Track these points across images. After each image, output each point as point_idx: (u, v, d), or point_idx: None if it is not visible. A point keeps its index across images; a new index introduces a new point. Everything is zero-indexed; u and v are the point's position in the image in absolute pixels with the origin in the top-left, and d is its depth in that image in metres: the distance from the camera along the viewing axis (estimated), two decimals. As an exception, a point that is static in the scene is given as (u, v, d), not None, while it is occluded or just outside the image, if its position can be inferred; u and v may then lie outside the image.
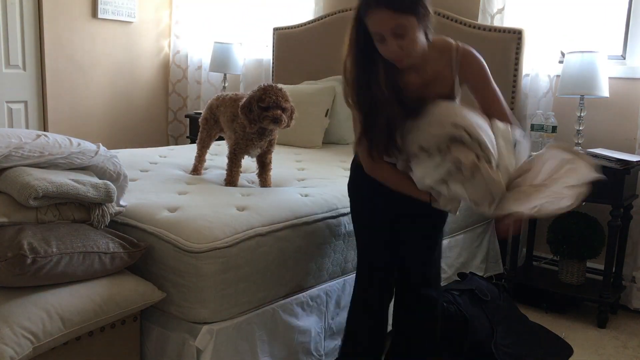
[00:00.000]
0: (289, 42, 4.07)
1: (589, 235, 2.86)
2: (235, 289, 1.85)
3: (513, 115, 1.79)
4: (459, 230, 2.94)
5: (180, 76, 4.91)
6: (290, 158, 3.14)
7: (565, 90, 2.92)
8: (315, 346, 2.16)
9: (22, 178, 1.73)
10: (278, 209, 2.06)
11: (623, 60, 3.11)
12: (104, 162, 1.97)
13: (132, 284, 1.83)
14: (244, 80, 4.52)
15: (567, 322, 2.85)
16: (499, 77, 3.19)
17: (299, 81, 3.97)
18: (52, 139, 1.92)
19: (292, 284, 2.06)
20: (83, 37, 4.37)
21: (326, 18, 3.87)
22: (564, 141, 3.18)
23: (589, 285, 2.97)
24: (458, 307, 2.41)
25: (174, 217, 1.94)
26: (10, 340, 1.52)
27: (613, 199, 2.71)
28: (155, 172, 2.62)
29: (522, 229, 3.17)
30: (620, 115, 3.08)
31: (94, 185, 1.82)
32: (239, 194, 2.26)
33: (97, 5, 4.39)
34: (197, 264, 1.79)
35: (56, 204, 1.81)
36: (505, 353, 2.37)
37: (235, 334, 1.87)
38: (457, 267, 2.94)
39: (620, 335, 2.75)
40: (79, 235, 1.75)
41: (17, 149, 1.81)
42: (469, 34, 3.29)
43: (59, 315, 1.63)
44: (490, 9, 3.30)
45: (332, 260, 2.21)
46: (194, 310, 1.82)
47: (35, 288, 1.68)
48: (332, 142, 3.67)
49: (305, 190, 2.36)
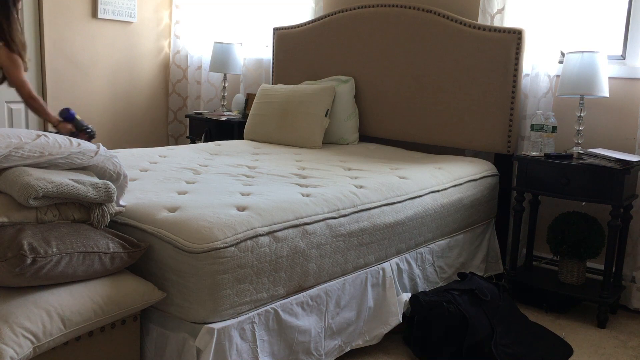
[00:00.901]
0: (289, 42, 4.08)
1: (589, 235, 2.87)
2: (235, 289, 1.85)
3: None
4: (459, 230, 2.95)
5: (180, 76, 4.92)
6: (290, 158, 3.14)
7: (565, 90, 2.93)
8: (315, 346, 2.16)
9: (22, 178, 1.73)
10: (278, 209, 2.06)
11: (623, 60, 3.11)
12: (104, 162, 1.97)
13: (132, 284, 1.83)
14: (244, 81, 4.52)
15: (567, 322, 2.85)
16: (499, 77, 3.22)
17: (299, 81, 3.97)
18: (52, 139, 1.92)
19: (292, 284, 2.06)
20: (83, 37, 4.38)
21: (326, 18, 3.88)
22: (564, 141, 3.18)
23: (589, 285, 2.97)
24: (458, 307, 2.42)
25: (174, 217, 1.94)
26: (11, 340, 1.52)
27: (613, 199, 2.71)
28: (155, 172, 2.62)
29: (522, 229, 3.17)
30: (620, 115, 3.08)
31: (94, 185, 1.83)
32: (239, 193, 2.27)
33: (97, 5, 4.39)
34: (197, 264, 1.79)
35: (56, 204, 1.81)
36: (505, 353, 2.38)
37: (235, 334, 1.87)
38: (457, 267, 2.94)
39: (620, 335, 2.75)
40: (79, 235, 1.75)
41: (17, 149, 1.81)
42: (469, 34, 3.29)
43: (59, 315, 1.63)
44: (490, 9, 3.30)
45: (332, 260, 2.21)
46: (194, 310, 1.82)
47: (35, 288, 1.68)
48: (332, 142, 3.68)
49: (306, 190, 2.36)
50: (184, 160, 2.94)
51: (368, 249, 2.37)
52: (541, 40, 3.19)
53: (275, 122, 3.66)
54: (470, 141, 3.34)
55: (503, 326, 2.48)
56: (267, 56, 4.38)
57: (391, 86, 3.61)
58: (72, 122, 3.07)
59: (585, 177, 2.77)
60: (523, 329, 2.59)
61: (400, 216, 2.51)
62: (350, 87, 3.69)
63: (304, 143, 3.53)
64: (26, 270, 1.60)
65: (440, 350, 2.40)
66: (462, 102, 3.34)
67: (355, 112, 3.70)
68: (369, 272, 2.40)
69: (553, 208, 3.24)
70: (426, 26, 3.45)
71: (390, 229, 2.46)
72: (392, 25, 3.58)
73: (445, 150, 3.54)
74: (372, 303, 2.41)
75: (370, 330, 2.40)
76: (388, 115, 3.64)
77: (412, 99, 3.53)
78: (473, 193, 2.99)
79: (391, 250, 2.50)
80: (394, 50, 3.58)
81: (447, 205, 2.80)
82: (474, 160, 3.23)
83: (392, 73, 3.60)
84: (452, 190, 2.85)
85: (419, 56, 3.49)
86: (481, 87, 3.27)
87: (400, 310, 2.48)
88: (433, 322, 2.40)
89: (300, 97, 3.63)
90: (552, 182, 2.86)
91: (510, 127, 3.21)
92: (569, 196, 2.84)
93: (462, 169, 3.04)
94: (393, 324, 2.46)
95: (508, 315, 2.58)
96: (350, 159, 3.18)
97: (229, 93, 4.66)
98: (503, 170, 3.27)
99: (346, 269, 2.29)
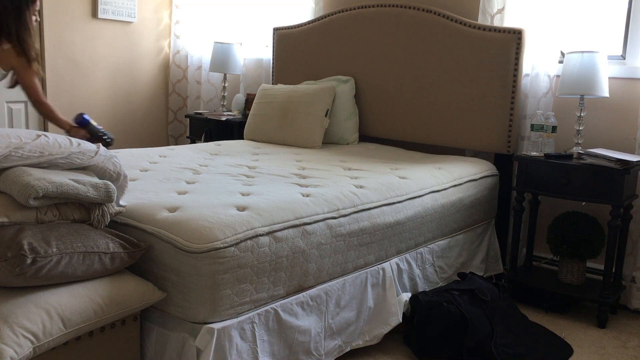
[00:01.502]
0: (289, 42, 4.08)
1: (589, 235, 2.86)
2: (235, 289, 1.85)
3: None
4: (459, 230, 2.95)
5: (180, 76, 4.91)
6: (290, 158, 3.14)
7: (565, 90, 2.93)
8: (315, 346, 2.16)
9: (22, 178, 1.73)
10: (278, 209, 2.06)
11: (623, 60, 3.11)
12: (104, 162, 1.97)
13: (132, 284, 1.83)
14: (244, 81, 4.52)
15: (567, 322, 2.85)
16: (499, 77, 3.22)
17: (299, 81, 3.97)
18: (52, 139, 1.92)
19: (292, 284, 2.06)
20: (83, 37, 4.38)
21: (326, 18, 3.88)
22: (564, 141, 3.18)
23: (589, 285, 2.97)
24: (458, 307, 2.42)
25: (174, 217, 1.94)
26: (11, 340, 1.52)
27: (613, 199, 2.71)
28: (155, 172, 2.62)
29: (522, 229, 3.17)
30: (620, 115, 3.08)
31: (94, 185, 1.83)
32: (239, 193, 2.27)
33: (97, 5, 4.39)
34: (197, 264, 1.79)
35: (56, 204, 1.81)
36: (505, 353, 2.38)
37: (235, 334, 1.87)
38: (457, 267, 2.94)
39: (620, 335, 2.75)
40: (79, 235, 1.75)
41: (17, 149, 1.81)
42: (469, 34, 3.29)
43: (59, 315, 1.63)
44: (490, 9, 3.30)
45: (332, 260, 2.21)
46: (194, 310, 1.82)
47: (35, 288, 1.68)
48: (332, 142, 3.67)
49: (306, 190, 2.36)
50: (184, 160, 2.94)
51: (368, 249, 2.37)
52: (541, 40, 3.19)
53: (275, 122, 3.66)
54: (470, 141, 3.33)
55: (503, 326, 2.48)
56: (267, 56, 4.38)
57: (391, 86, 3.61)
58: (86, 127, 2.90)
59: (585, 177, 2.77)
60: (523, 329, 2.59)
61: (400, 216, 2.51)
62: (350, 87, 3.69)
63: (304, 143, 3.53)
64: (26, 270, 1.60)
65: (440, 350, 2.40)
66: (462, 102, 3.34)
67: (355, 112, 3.70)
68: (369, 272, 2.40)
69: (553, 208, 3.24)
70: (426, 26, 3.45)
71: (390, 229, 2.46)
72: (392, 25, 3.58)
73: (445, 150, 3.54)
74: (372, 303, 2.41)
75: (370, 330, 2.40)
76: (388, 115, 3.64)
77: (412, 99, 3.53)
78: (473, 193, 2.99)
79: (391, 250, 2.50)
80: (394, 50, 3.58)
81: (447, 205, 2.80)
82: (474, 160, 3.23)
83: (392, 73, 3.60)
84: (452, 190, 2.85)
85: (419, 56, 3.48)
86: (481, 87, 3.26)
87: (400, 310, 2.48)
88: (433, 322, 2.40)
89: (300, 97, 3.63)
90: (552, 182, 2.86)
91: (510, 127, 3.21)
92: (569, 196, 2.84)
93: (462, 169, 3.04)
94: (393, 324, 2.46)
95: (508, 315, 2.58)
96: (350, 159, 3.18)
97: (229, 93, 4.66)
98: (503, 170, 3.27)
99: (346, 269, 2.29)
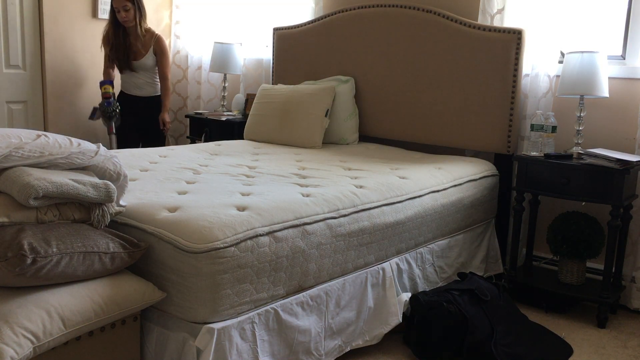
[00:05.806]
0: (289, 42, 4.08)
1: (589, 235, 2.87)
2: (235, 289, 1.85)
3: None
4: (459, 230, 2.95)
5: (180, 76, 4.92)
6: (290, 158, 3.14)
7: (565, 90, 2.93)
8: (315, 346, 2.17)
9: (22, 178, 1.73)
10: (278, 209, 2.06)
11: (623, 60, 3.11)
12: (104, 162, 1.97)
13: (132, 284, 1.83)
14: (244, 81, 4.52)
15: (567, 322, 2.85)
16: (498, 77, 3.22)
17: (299, 81, 3.97)
18: (52, 139, 1.92)
19: (292, 284, 2.06)
20: (83, 37, 4.38)
21: (326, 18, 3.88)
22: (564, 141, 3.19)
23: (588, 285, 2.97)
24: (458, 307, 2.42)
25: (174, 217, 1.94)
26: (11, 340, 1.52)
27: (613, 199, 2.71)
28: (155, 172, 2.62)
29: (522, 229, 3.17)
30: (620, 115, 3.08)
31: (94, 185, 1.83)
32: (239, 193, 2.27)
33: (97, 5, 4.39)
34: (197, 264, 1.79)
35: (56, 204, 1.81)
36: (505, 353, 2.38)
37: (235, 334, 1.87)
38: (457, 267, 2.94)
39: (620, 335, 2.75)
40: (79, 235, 1.75)
41: (17, 149, 1.81)
42: (469, 34, 3.29)
43: (59, 315, 1.63)
44: (490, 9, 3.30)
45: (332, 260, 2.21)
46: (194, 310, 1.82)
47: (35, 288, 1.68)
48: (332, 142, 3.68)
49: (306, 190, 2.36)
50: (184, 160, 2.94)
51: (368, 249, 2.37)
52: (541, 40, 3.19)
53: (275, 122, 3.66)
54: (470, 141, 3.34)
55: (503, 326, 2.48)
56: (267, 56, 4.38)
57: (391, 86, 3.61)
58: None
59: (585, 177, 2.77)
60: (523, 329, 2.59)
61: (400, 216, 2.51)
62: (350, 87, 3.69)
63: (304, 143, 3.53)
64: (26, 270, 1.60)
65: (440, 350, 2.40)
66: (462, 102, 3.34)
67: (355, 112, 3.70)
68: (369, 272, 2.40)
69: (553, 208, 3.24)
70: (426, 26, 3.45)
71: (390, 229, 2.46)
72: (392, 25, 3.58)
73: (445, 150, 3.54)
74: (372, 303, 2.41)
75: (370, 330, 2.40)
76: (388, 115, 3.64)
77: (412, 99, 3.53)
78: (473, 193, 2.99)
79: (391, 250, 2.50)
80: (394, 50, 3.58)
81: (447, 205, 2.80)
82: (473, 160, 3.23)
83: (392, 73, 3.60)
84: (452, 190, 2.85)
85: (419, 56, 3.49)
86: (481, 87, 3.27)
87: (400, 310, 2.48)
88: (433, 322, 2.40)
89: (300, 97, 3.63)
90: (552, 182, 2.86)
91: (510, 127, 3.21)
92: (569, 196, 2.84)
93: (462, 169, 3.04)
94: (393, 324, 2.46)
95: (508, 315, 2.58)
96: (350, 159, 3.18)
97: (229, 93, 4.66)
98: (503, 170, 3.27)
99: (346, 269, 2.29)
